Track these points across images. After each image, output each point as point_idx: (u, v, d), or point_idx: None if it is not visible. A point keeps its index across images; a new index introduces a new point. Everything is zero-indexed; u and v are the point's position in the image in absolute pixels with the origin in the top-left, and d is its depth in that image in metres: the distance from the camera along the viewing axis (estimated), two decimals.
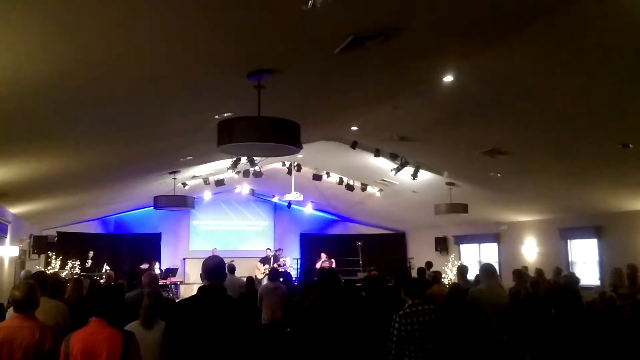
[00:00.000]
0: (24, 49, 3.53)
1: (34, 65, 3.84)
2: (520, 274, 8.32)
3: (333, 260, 15.54)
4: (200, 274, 3.62)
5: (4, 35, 3.27)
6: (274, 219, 19.01)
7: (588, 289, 9.07)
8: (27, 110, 4.91)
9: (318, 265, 14.98)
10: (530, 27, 4.68)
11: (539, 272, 9.95)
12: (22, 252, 12.18)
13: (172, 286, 15.34)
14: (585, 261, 12.08)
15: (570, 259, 12.40)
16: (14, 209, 10.98)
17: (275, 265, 14.85)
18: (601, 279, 11.11)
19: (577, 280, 6.71)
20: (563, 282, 7.40)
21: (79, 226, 16.03)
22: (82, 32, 3.46)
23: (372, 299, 5.83)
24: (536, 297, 6.38)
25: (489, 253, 14.92)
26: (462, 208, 11.30)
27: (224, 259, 3.97)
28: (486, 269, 6.03)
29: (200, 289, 3.52)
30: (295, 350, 5.83)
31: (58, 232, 15.10)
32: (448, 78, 6.02)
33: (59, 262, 13.33)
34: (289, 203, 15.88)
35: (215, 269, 3.56)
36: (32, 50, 3.58)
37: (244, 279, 9.05)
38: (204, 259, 3.64)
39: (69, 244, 15.00)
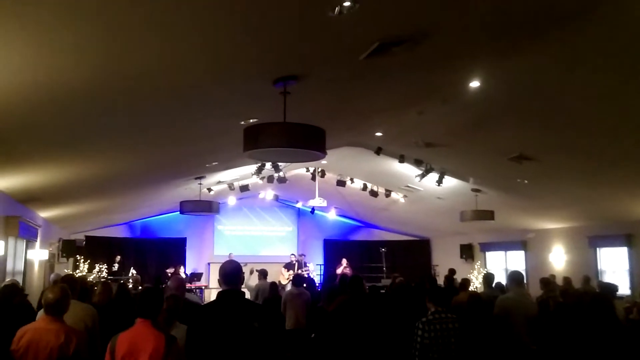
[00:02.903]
0: (58, 57, 3.61)
1: (67, 74, 3.93)
2: (548, 282, 8.17)
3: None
4: (218, 279, 3.63)
5: (40, 44, 3.35)
6: (298, 225, 19.04)
7: (618, 298, 8.86)
8: (58, 117, 5.03)
9: (339, 271, 14.96)
10: (559, 30, 4.61)
11: (567, 280, 9.76)
12: (52, 255, 12.44)
13: (197, 290, 15.46)
14: (615, 270, 11.80)
15: (599, 268, 12.13)
16: (44, 213, 11.23)
17: (300, 271, 14.87)
18: (632, 288, 10.85)
19: (613, 289, 6.52)
20: (598, 291, 7.22)
21: (106, 230, 16.33)
22: (114, 42, 3.53)
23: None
24: (566, 306, 6.26)
25: (516, 261, 14.68)
26: (489, 215, 11.16)
27: (248, 264, 3.99)
28: (514, 277, 5.93)
29: (219, 294, 3.53)
30: (319, 356, 5.81)
31: (86, 236, 15.40)
32: (474, 83, 5.96)
33: (86, 266, 13.57)
34: (313, 209, 15.87)
35: (233, 274, 3.55)
36: (65, 59, 3.67)
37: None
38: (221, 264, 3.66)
39: (96, 248, 15.28)
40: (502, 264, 15.15)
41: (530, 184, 9.95)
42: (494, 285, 7.57)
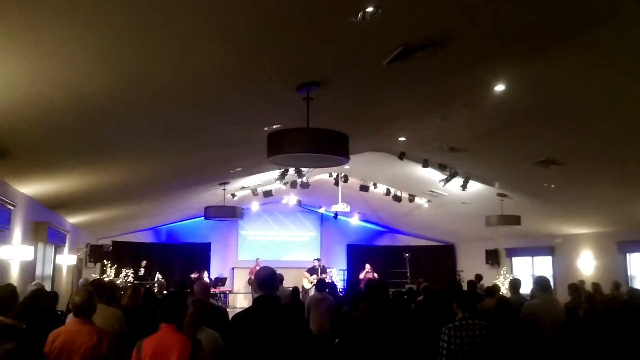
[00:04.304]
0: (84, 66, 3.69)
1: (94, 82, 4.00)
2: (576, 288, 8.01)
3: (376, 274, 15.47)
4: (250, 282, 3.68)
5: (66, 53, 3.43)
6: (321, 230, 19.05)
7: None
8: (85, 125, 5.12)
9: (362, 276, 14.92)
10: (588, 32, 4.54)
11: (596, 286, 9.55)
12: (79, 260, 12.68)
13: (221, 295, 15.57)
14: None
15: (629, 273, 11.87)
16: (72, 219, 11.44)
17: (323, 276, 14.88)
18: None
19: None
20: (626, 297, 7.05)
21: (132, 236, 16.57)
22: (140, 50, 3.59)
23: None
24: (593, 313, 6.13)
25: (543, 266, 14.44)
26: (515, 220, 11.01)
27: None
28: (540, 283, 5.83)
29: (255, 299, 3.56)
30: None
31: (113, 242, 15.65)
32: (499, 87, 5.90)
33: (113, 270, 13.77)
34: (336, 214, 15.88)
35: (267, 280, 3.59)
36: (91, 68, 3.74)
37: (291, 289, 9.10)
38: (254, 270, 3.70)
39: (123, 253, 15.52)
40: (529, 270, 14.92)
41: (557, 188, 9.79)
42: (530, 292, 7.44)
